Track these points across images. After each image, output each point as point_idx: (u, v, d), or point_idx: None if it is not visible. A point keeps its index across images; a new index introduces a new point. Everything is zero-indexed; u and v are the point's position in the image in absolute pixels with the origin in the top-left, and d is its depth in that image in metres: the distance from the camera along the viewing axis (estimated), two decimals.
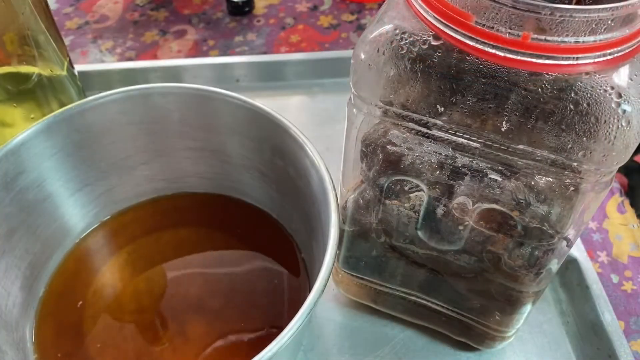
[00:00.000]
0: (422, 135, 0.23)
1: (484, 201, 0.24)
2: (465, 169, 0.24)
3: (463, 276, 0.29)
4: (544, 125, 0.20)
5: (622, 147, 0.20)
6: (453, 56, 0.21)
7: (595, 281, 0.35)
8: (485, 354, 0.33)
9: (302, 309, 0.22)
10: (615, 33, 0.19)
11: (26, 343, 0.30)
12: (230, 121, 0.33)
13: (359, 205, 0.28)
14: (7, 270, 0.30)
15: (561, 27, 0.18)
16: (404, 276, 0.31)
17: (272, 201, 0.36)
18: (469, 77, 0.21)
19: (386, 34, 0.22)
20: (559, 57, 0.19)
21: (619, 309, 0.36)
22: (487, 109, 0.21)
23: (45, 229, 0.32)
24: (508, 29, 0.19)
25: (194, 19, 0.60)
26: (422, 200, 0.26)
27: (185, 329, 0.32)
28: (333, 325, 0.35)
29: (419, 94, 0.22)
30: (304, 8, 0.61)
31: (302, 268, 0.34)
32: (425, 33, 0.21)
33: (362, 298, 0.34)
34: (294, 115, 0.31)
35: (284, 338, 0.22)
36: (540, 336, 0.34)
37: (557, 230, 0.24)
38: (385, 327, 0.34)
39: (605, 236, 0.40)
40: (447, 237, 0.27)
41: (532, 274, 0.26)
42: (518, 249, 0.26)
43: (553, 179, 0.22)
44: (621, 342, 0.32)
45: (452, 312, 0.31)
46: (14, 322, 0.30)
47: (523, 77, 0.20)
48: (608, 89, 0.20)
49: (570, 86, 0.20)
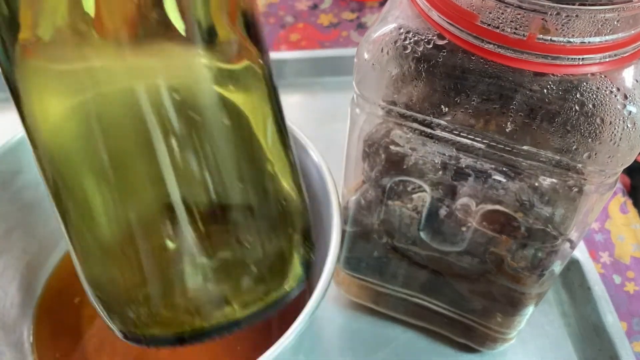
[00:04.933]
0: (426, 135, 0.23)
1: (487, 202, 0.24)
2: (469, 170, 0.23)
3: (465, 278, 0.28)
4: (548, 126, 0.20)
5: (627, 149, 0.20)
6: (458, 56, 0.20)
7: (597, 282, 0.35)
8: (487, 355, 0.33)
9: (304, 311, 0.22)
10: (621, 34, 0.18)
11: (24, 343, 0.30)
12: None
13: (361, 206, 0.28)
14: (5, 270, 0.30)
15: (567, 27, 0.18)
16: (405, 277, 0.31)
17: None
18: (473, 77, 0.20)
19: (390, 33, 0.21)
20: (564, 57, 0.19)
21: (621, 310, 0.36)
22: (491, 110, 0.21)
23: (43, 229, 0.32)
24: (513, 29, 0.19)
25: None
26: (425, 201, 0.26)
27: None
28: (334, 326, 0.34)
29: (422, 94, 0.22)
30: (304, 6, 0.61)
31: None
32: (430, 33, 0.21)
33: (363, 299, 0.34)
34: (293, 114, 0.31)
35: (286, 341, 0.21)
36: (542, 337, 0.34)
37: (561, 231, 0.24)
38: (386, 328, 0.34)
39: (607, 237, 0.40)
40: (449, 239, 0.27)
41: (535, 275, 0.26)
42: (521, 251, 0.26)
43: (557, 180, 0.22)
44: (623, 344, 0.32)
45: (453, 314, 0.31)
46: (11, 322, 0.30)
47: (528, 77, 0.20)
48: (614, 90, 0.19)
49: (575, 87, 0.20)
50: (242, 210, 0.21)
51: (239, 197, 0.21)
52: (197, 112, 0.19)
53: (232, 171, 0.21)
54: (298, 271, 0.23)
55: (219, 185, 0.20)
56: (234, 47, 0.20)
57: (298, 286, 0.23)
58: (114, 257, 0.21)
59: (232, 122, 0.20)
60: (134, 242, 0.20)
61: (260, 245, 0.22)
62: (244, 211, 0.21)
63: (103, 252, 0.21)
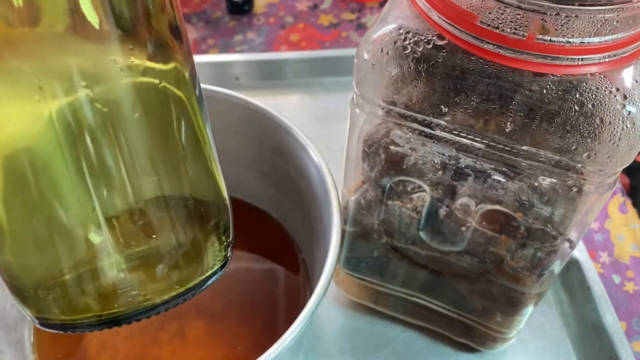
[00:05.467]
0: (425, 135, 0.23)
1: (487, 202, 0.24)
2: (468, 170, 0.23)
3: (465, 277, 0.28)
4: (548, 126, 0.20)
5: (627, 149, 0.20)
6: (457, 56, 0.20)
7: (596, 282, 0.35)
8: (486, 355, 0.33)
9: (304, 311, 0.22)
10: (620, 34, 0.18)
11: (25, 343, 0.30)
12: (231, 121, 0.33)
13: (361, 206, 0.28)
14: None
15: (566, 27, 0.18)
16: (405, 277, 0.31)
17: (272, 201, 0.36)
18: (473, 78, 0.21)
19: (390, 33, 0.21)
20: (563, 58, 0.19)
21: (620, 309, 0.36)
22: (491, 110, 0.21)
23: None
24: (513, 30, 0.19)
25: (194, 18, 0.60)
26: (425, 201, 0.26)
27: (185, 329, 0.32)
28: (334, 326, 0.34)
29: (422, 94, 0.22)
30: (304, 7, 0.61)
31: (302, 269, 0.34)
32: (430, 33, 0.21)
33: (363, 299, 0.34)
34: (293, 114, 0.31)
35: (285, 341, 0.21)
36: (542, 337, 0.34)
37: (560, 231, 0.24)
38: (385, 328, 0.34)
39: (607, 236, 0.40)
40: (449, 238, 0.27)
41: (534, 275, 0.26)
42: (521, 250, 0.26)
43: (557, 180, 0.22)
44: (623, 343, 0.32)
45: (453, 313, 0.31)
46: (12, 322, 0.30)
47: (527, 77, 0.20)
48: (613, 90, 0.19)
49: (574, 87, 0.20)
50: (156, 201, 0.21)
51: (152, 189, 0.21)
52: (110, 106, 0.19)
53: (146, 164, 0.21)
54: (212, 261, 0.24)
55: (133, 178, 0.20)
56: (151, 44, 0.20)
57: (214, 274, 0.24)
58: (26, 244, 0.21)
59: (145, 118, 0.20)
60: (44, 228, 0.20)
61: (174, 235, 0.22)
62: (157, 202, 0.21)
63: (14, 239, 0.21)
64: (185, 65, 0.22)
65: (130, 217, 0.21)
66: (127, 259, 0.21)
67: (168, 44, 0.21)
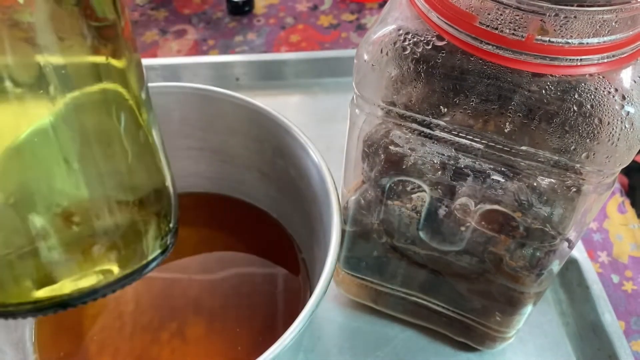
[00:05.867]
0: (425, 135, 0.23)
1: (486, 202, 0.24)
2: (467, 170, 0.23)
3: (464, 277, 0.29)
4: (547, 126, 0.20)
5: (625, 149, 0.20)
6: (456, 57, 0.21)
7: (595, 281, 0.35)
8: (486, 354, 0.33)
9: (304, 311, 0.22)
10: (619, 35, 0.19)
11: (25, 342, 0.30)
12: (231, 121, 0.33)
13: (361, 206, 0.28)
14: None
15: (565, 28, 0.18)
16: (404, 277, 0.31)
17: (272, 201, 0.36)
18: (472, 78, 0.21)
19: (389, 34, 0.22)
20: (562, 58, 0.19)
21: (619, 309, 0.36)
22: (490, 110, 0.21)
23: None
24: (512, 30, 0.19)
25: (194, 19, 0.60)
26: (424, 201, 0.26)
27: (185, 329, 0.32)
28: (333, 325, 0.35)
29: (421, 95, 0.22)
30: (304, 8, 0.61)
31: (302, 269, 0.34)
32: (429, 34, 0.21)
33: (363, 298, 0.34)
34: (293, 115, 0.31)
35: (285, 340, 0.21)
36: (541, 337, 0.34)
37: (559, 231, 0.24)
38: (385, 327, 0.34)
39: (605, 236, 0.40)
40: (448, 238, 0.27)
41: (533, 275, 0.26)
42: (520, 250, 0.26)
43: (555, 180, 0.22)
44: (621, 343, 0.32)
45: (452, 313, 0.31)
46: (13, 322, 0.30)
47: (526, 78, 0.20)
48: (612, 91, 0.20)
49: (573, 88, 0.20)
50: (94, 186, 0.22)
51: (90, 175, 0.21)
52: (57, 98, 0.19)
53: (85, 151, 0.21)
54: (153, 247, 0.24)
55: (71, 163, 0.20)
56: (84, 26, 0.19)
57: (154, 259, 0.24)
58: None
59: (81, 105, 0.20)
60: None
61: (111, 218, 0.22)
62: (95, 187, 0.22)
63: None
64: (129, 55, 0.22)
65: (67, 199, 0.21)
66: (63, 240, 0.21)
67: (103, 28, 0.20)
